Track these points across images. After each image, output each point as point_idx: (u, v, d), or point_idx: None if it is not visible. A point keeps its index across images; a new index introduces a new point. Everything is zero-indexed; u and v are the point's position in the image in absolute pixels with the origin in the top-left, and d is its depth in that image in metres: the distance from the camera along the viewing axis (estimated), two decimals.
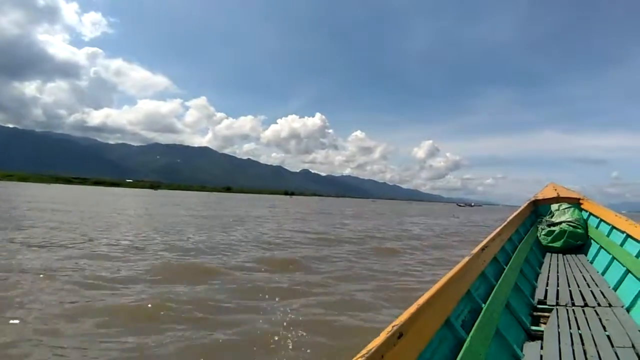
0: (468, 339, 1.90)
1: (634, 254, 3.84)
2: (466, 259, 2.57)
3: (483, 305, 2.41)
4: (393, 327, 1.35)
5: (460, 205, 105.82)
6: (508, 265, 3.56)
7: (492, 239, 3.58)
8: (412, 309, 1.56)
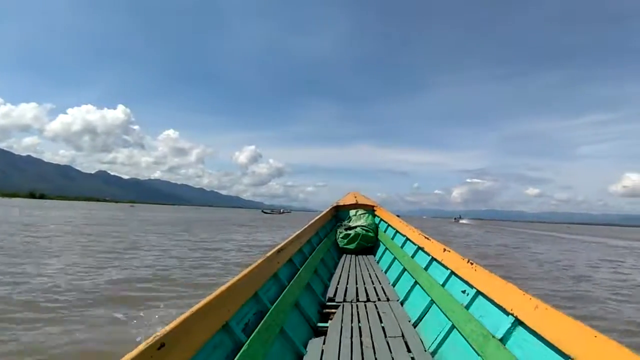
0: (247, 342, 1.96)
1: (410, 254, 4.67)
2: (258, 261, 2.69)
3: (270, 306, 2.55)
4: (154, 337, 1.31)
5: (266, 212, 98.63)
6: (303, 266, 3.89)
7: (291, 242, 3.87)
8: (183, 316, 1.53)
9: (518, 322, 2.07)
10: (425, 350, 2.65)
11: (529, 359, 1.88)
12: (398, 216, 7.03)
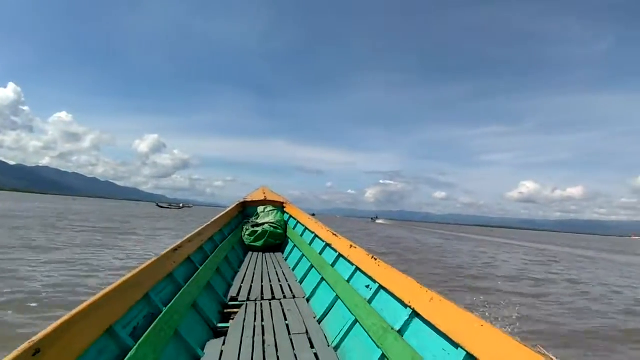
0: (135, 347, 1.91)
1: (318, 251, 4.77)
2: (150, 261, 2.61)
3: (164, 308, 2.47)
4: (29, 342, 1.30)
5: (161, 206, 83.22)
6: (203, 265, 3.79)
7: (189, 240, 3.76)
8: (61, 319, 1.50)
9: (415, 314, 2.25)
10: (329, 346, 2.76)
11: (423, 348, 2.04)
12: (313, 215, 7.09)
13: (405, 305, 2.35)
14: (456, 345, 1.81)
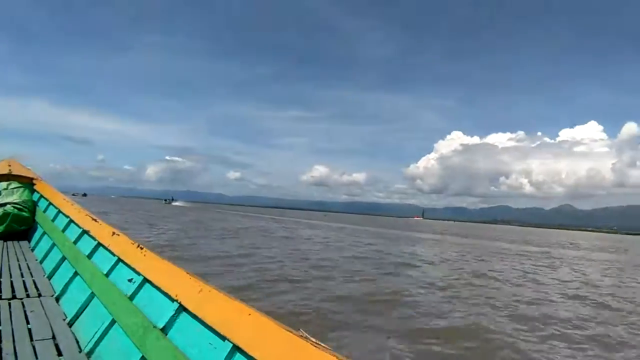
0: None
1: (73, 240, 4.21)
2: None
3: None
4: None
5: None
6: None
7: None
8: None
9: (182, 309, 2.19)
10: (81, 351, 2.55)
11: (189, 345, 2.00)
12: (85, 195, 6.37)
13: (172, 299, 2.27)
14: (223, 338, 1.81)
